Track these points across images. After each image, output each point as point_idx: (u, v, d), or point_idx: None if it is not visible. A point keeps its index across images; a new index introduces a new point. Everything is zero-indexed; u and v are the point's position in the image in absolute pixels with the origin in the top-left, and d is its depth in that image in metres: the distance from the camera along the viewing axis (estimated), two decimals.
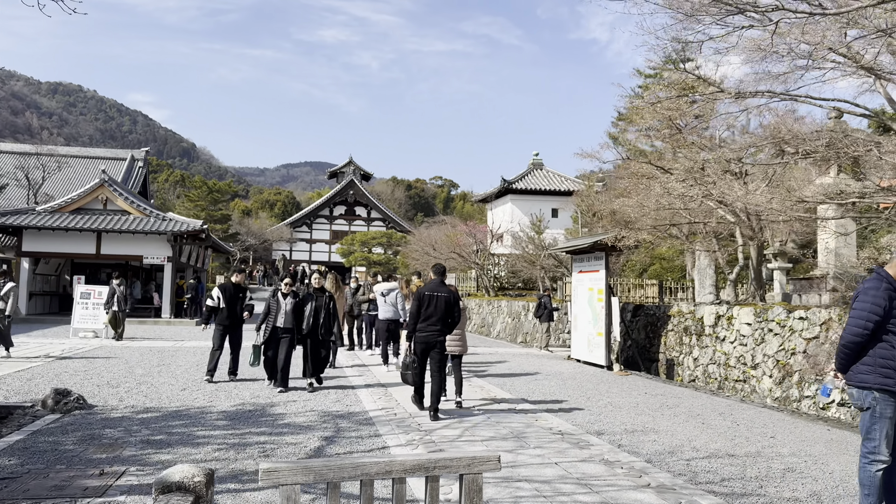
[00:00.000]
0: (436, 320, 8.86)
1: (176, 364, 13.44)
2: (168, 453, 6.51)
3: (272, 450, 6.73)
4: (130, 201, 27.85)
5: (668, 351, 15.27)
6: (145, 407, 8.89)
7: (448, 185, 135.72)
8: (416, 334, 8.95)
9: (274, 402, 9.50)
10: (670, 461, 6.77)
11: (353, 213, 67.90)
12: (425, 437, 7.43)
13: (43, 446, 6.70)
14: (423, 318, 8.90)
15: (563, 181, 39.19)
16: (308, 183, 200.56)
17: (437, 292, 8.97)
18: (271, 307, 10.67)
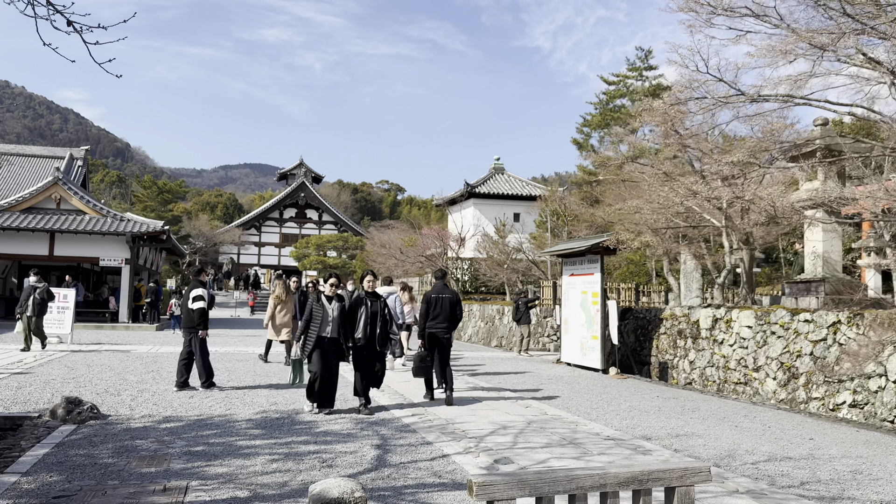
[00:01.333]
0: (442, 318, 10.29)
1: (165, 370, 12.78)
2: (221, 465, 6.07)
3: (331, 460, 6.36)
4: (86, 200, 26.65)
5: (660, 354, 15.33)
6: (163, 416, 8.35)
7: (395, 190, 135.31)
8: (427, 331, 10.33)
9: (299, 408, 9.06)
10: (736, 465, 6.67)
11: (304, 217, 66.86)
12: (480, 444, 7.15)
13: (78, 460, 6.17)
14: (431, 318, 10.30)
15: (524, 186, 39.34)
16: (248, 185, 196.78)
17: (442, 294, 10.41)
18: (314, 314, 8.86)
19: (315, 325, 8.82)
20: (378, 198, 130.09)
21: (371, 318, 8.98)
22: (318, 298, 8.99)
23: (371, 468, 6.08)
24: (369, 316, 8.98)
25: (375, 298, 9.16)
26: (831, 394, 11.11)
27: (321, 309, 8.89)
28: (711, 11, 10.71)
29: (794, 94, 10.61)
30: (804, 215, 12.76)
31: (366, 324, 8.93)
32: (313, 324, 8.84)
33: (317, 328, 8.78)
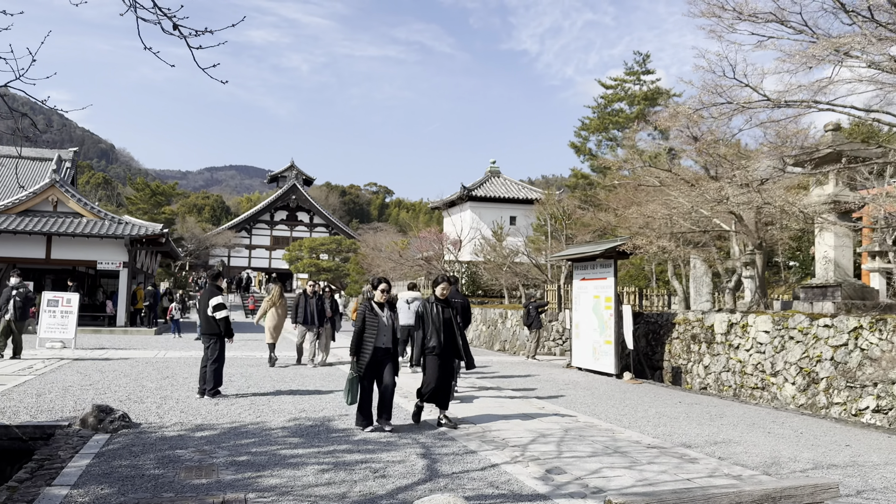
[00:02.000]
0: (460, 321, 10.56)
1: (180, 376, 12.61)
2: (272, 476, 5.95)
3: (382, 469, 6.25)
4: (83, 203, 26.33)
5: (673, 359, 15.32)
6: (195, 424, 8.21)
7: (383, 192, 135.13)
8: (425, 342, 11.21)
9: (329, 415, 8.94)
10: (784, 473, 6.62)
11: (295, 219, 66.56)
12: (525, 454, 7.08)
13: (124, 471, 6.03)
14: None
15: (520, 189, 39.34)
16: (234, 187, 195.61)
17: (455, 298, 10.75)
18: (367, 323, 8.12)
19: (370, 335, 8.13)
20: (366, 200, 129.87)
21: (445, 326, 8.52)
22: (371, 307, 8.27)
23: (425, 478, 5.99)
24: (442, 323, 8.50)
25: (446, 305, 8.67)
26: (853, 399, 11.14)
27: (375, 318, 8.19)
28: (737, 17, 10.72)
29: (818, 100, 10.64)
30: (826, 219, 12.71)
31: (439, 332, 8.43)
32: (367, 334, 8.13)
33: (372, 339, 8.11)
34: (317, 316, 14.73)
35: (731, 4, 10.73)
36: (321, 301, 15.07)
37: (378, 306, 8.34)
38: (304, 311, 14.72)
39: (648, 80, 34.19)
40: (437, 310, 8.56)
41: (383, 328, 8.21)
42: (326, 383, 12.22)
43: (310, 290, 14.98)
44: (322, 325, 15.10)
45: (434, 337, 8.41)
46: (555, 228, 29.46)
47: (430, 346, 8.43)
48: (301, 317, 14.77)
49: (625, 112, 33.54)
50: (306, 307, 14.74)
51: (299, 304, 14.83)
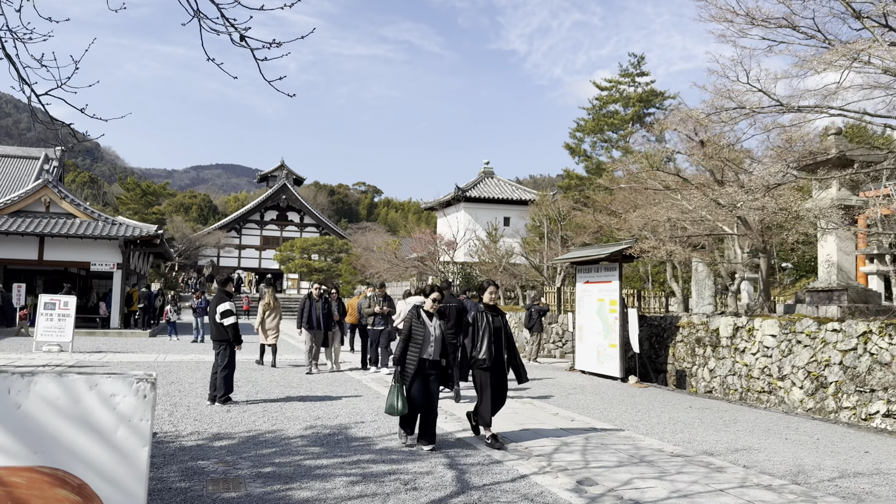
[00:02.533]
0: (451, 325, 10.67)
1: (185, 381, 12.47)
2: (302, 489, 5.86)
3: (412, 481, 6.17)
4: (76, 204, 26.04)
5: (677, 362, 15.33)
6: (211, 433, 8.09)
7: (372, 192, 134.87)
8: None
9: (345, 423, 8.85)
10: (813, 482, 6.61)
11: (286, 219, 66.26)
12: (552, 463, 7.01)
13: (150, 484, 5.89)
14: None
15: (514, 190, 39.33)
16: (220, 186, 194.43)
17: (450, 303, 11.39)
18: (414, 333, 7.63)
19: (416, 345, 7.59)
20: (355, 200, 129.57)
21: (495, 336, 7.90)
22: (418, 315, 7.74)
23: (458, 490, 5.92)
24: (492, 333, 7.89)
25: (496, 313, 8.10)
26: (863, 403, 11.17)
27: (422, 327, 7.66)
28: (750, 21, 10.71)
29: (831, 105, 10.65)
30: (834, 222, 12.74)
31: (489, 342, 7.83)
32: (413, 344, 7.61)
33: (417, 349, 7.56)
34: (323, 320, 14.25)
35: (744, 9, 10.72)
36: (328, 304, 14.60)
37: (427, 315, 7.78)
38: (308, 314, 14.13)
39: (643, 81, 34.30)
40: (488, 318, 7.94)
41: (431, 339, 7.63)
42: (335, 389, 12.12)
43: (315, 293, 14.43)
44: (330, 329, 14.58)
45: (485, 348, 7.80)
46: (550, 230, 29.47)
47: (480, 359, 7.82)
48: (307, 321, 14.20)
49: (620, 114, 33.63)
50: (311, 311, 14.16)
51: (304, 307, 14.22)
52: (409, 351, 7.63)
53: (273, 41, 3.20)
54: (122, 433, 1.00)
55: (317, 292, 14.50)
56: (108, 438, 1.02)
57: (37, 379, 1.09)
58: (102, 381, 1.06)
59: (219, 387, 9.97)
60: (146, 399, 1.10)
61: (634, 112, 32.83)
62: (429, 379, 7.63)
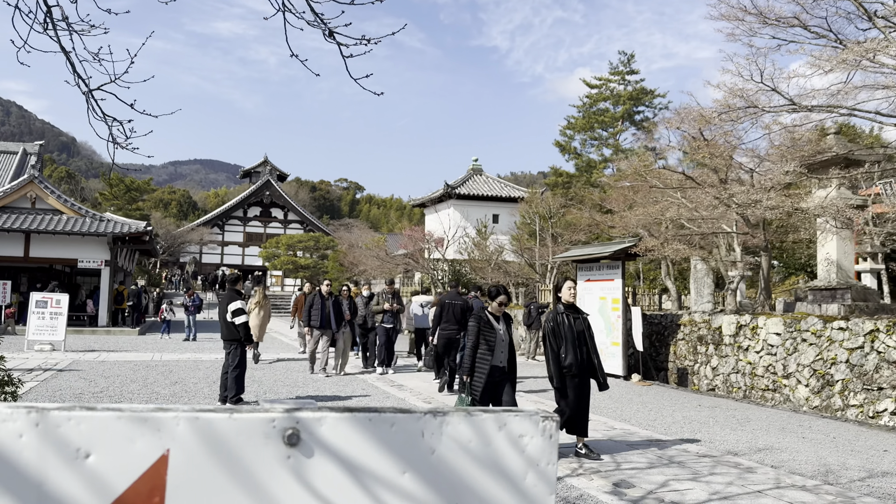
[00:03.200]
0: (454, 322, 11.94)
1: (189, 381, 12.27)
2: None
3: None
4: (63, 200, 25.60)
5: (678, 360, 15.37)
6: None
7: (354, 188, 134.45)
8: (440, 332, 12.14)
9: None
10: (844, 482, 6.61)
11: (269, 215, 65.73)
12: (583, 465, 6.96)
13: None
14: (444, 320, 12.10)
15: (503, 187, 39.30)
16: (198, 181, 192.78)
17: (454, 301, 12.19)
18: (484, 339, 7.01)
19: (486, 352, 6.95)
20: (337, 196, 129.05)
21: (579, 339, 7.23)
22: (485, 319, 7.11)
23: None
24: (576, 335, 7.21)
25: (577, 313, 7.40)
26: (871, 401, 11.25)
27: (492, 332, 7.01)
28: (762, 21, 10.71)
29: (842, 104, 10.70)
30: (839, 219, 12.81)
31: (574, 346, 7.17)
32: (483, 351, 6.96)
33: (489, 356, 6.93)
34: (334, 319, 13.45)
35: (756, 8, 10.73)
36: (338, 303, 13.82)
37: (494, 318, 7.16)
38: (319, 313, 13.27)
39: (633, 79, 34.37)
40: (569, 321, 7.28)
41: (501, 344, 7.04)
42: (342, 389, 11.98)
43: (325, 290, 13.59)
44: (340, 329, 13.75)
45: (570, 353, 7.10)
46: (542, 227, 29.46)
47: (565, 365, 7.12)
48: (316, 320, 13.31)
49: (610, 111, 33.68)
50: (322, 309, 13.29)
51: (314, 305, 13.35)
52: (479, 359, 6.99)
53: (362, 37, 3.08)
54: (530, 479, 0.90)
55: (326, 289, 13.70)
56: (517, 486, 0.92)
57: (448, 419, 0.98)
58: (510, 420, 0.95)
59: (230, 387, 9.80)
60: (551, 440, 0.99)
61: (625, 110, 32.88)
62: (498, 386, 7.04)
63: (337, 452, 0.94)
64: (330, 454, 0.94)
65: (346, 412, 1.03)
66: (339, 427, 0.96)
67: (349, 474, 0.94)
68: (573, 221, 30.27)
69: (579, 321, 7.32)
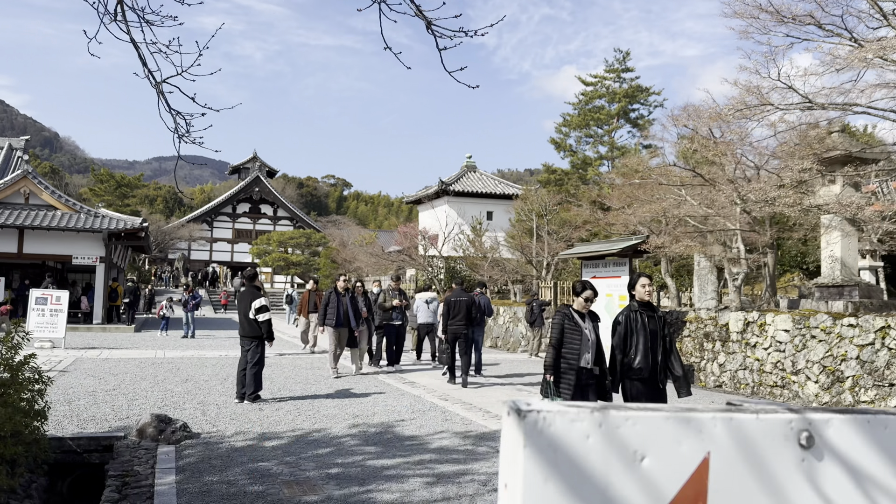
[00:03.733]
0: (461, 317, 12.40)
1: (199, 379, 12.16)
2: (381, 490, 5.70)
3: (487, 481, 6.06)
4: (57, 195, 25.31)
5: (684, 357, 15.42)
6: (256, 433, 7.87)
7: (341, 185, 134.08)
8: (449, 328, 12.47)
9: (386, 420, 8.68)
10: None
11: (259, 212, 65.39)
12: None
13: (223, 488, 5.71)
14: (451, 317, 12.47)
15: (497, 184, 39.29)
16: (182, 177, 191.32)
17: (460, 298, 12.61)
18: (567, 338, 6.46)
19: (571, 353, 6.46)
20: (324, 193, 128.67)
21: (652, 340, 6.45)
22: (570, 317, 6.54)
23: None
24: (648, 336, 6.43)
25: (651, 312, 6.63)
26: (882, 397, 11.34)
27: (576, 330, 6.48)
28: (778, 19, 10.74)
29: (858, 103, 10.76)
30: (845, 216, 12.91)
31: (646, 348, 6.39)
32: (567, 350, 6.47)
33: (575, 357, 6.46)
34: (353, 317, 12.90)
35: (773, 6, 10.76)
36: (354, 299, 13.21)
37: (579, 315, 6.60)
38: (335, 310, 12.62)
39: (628, 77, 34.45)
40: (642, 319, 6.53)
41: (587, 344, 6.50)
42: (355, 386, 11.92)
43: (341, 286, 12.92)
44: (357, 327, 13.16)
45: (640, 355, 6.40)
46: (538, 225, 29.50)
47: (635, 368, 6.41)
48: (332, 318, 12.61)
49: (606, 109, 33.74)
50: (338, 306, 12.66)
51: (329, 302, 12.69)
52: (564, 360, 6.51)
53: (460, 28, 3.04)
54: None
55: (342, 285, 13.02)
56: None
57: None
58: None
59: (248, 384, 9.72)
60: None
61: (620, 107, 32.98)
62: (586, 391, 6.51)
63: (842, 455, 0.91)
64: (836, 457, 0.91)
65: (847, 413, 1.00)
66: (843, 429, 0.93)
67: (851, 478, 0.91)
68: (568, 219, 30.36)
69: (653, 320, 6.60)
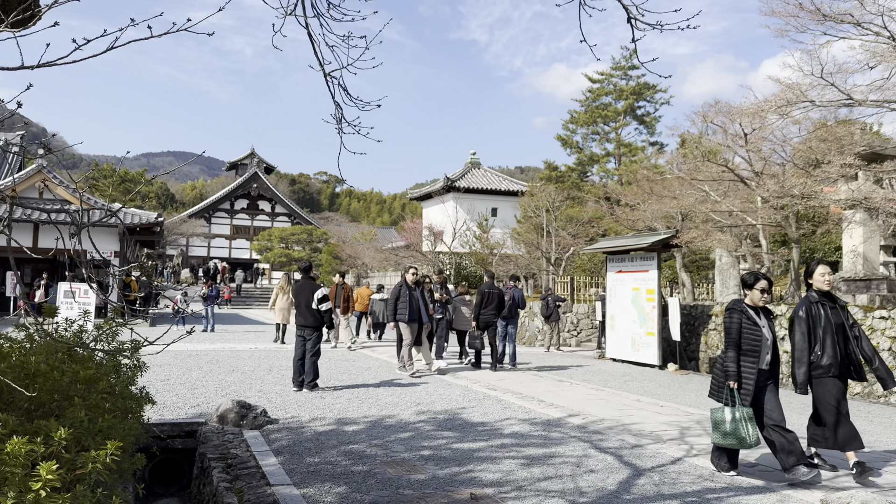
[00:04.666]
0: (493, 307, 13.60)
1: (244, 369, 12.30)
2: (481, 471, 5.89)
3: (580, 463, 6.26)
4: (72, 190, 25.26)
5: (710, 350, 15.70)
6: (333, 418, 8.05)
7: (333, 181, 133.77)
8: (480, 317, 13.54)
9: (450, 408, 8.87)
10: None
11: (256, 208, 65.31)
12: (693, 447, 7.19)
13: (329, 469, 5.88)
14: (484, 307, 13.57)
15: (501, 181, 39.53)
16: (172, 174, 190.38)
17: (492, 290, 13.78)
18: (746, 335, 5.94)
19: (751, 355, 5.91)
20: (316, 189, 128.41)
21: (838, 333, 6.16)
22: (746, 313, 6.00)
23: (634, 473, 6.02)
24: (835, 329, 6.13)
25: (834, 302, 6.26)
26: None
27: (755, 329, 5.94)
28: (820, 18, 10.99)
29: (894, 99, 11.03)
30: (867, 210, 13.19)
31: (834, 341, 6.13)
32: (748, 353, 5.92)
33: (755, 358, 5.90)
34: (424, 311, 12.28)
35: (814, 5, 11.01)
36: (423, 294, 12.61)
37: (754, 311, 6.04)
38: (407, 305, 12.00)
39: (635, 74, 34.74)
40: (826, 312, 6.16)
41: (766, 343, 5.96)
42: (399, 376, 12.07)
43: (411, 279, 12.17)
44: (428, 323, 12.65)
45: (828, 351, 6.03)
46: (548, 221, 29.76)
47: (824, 365, 6.07)
48: (404, 313, 11.99)
49: (613, 106, 34.02)
50: (410, 300, 12.05)
51: (400, 296, 12.05)
52: (744, 362, 5.92)
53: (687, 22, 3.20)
54: None
55: (412, 278, 12.21)
56: None
57: None
58: None
59: (308, 372, 9.90)
60: None
61: (628, 104, 33.27)
62: (761, 395, 5.98)
63: None
64: None
65: None
66: None
67: None
68: (574, 215, 30.66)
69: (836, 311, 6.18)
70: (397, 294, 12.15)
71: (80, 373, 4.05)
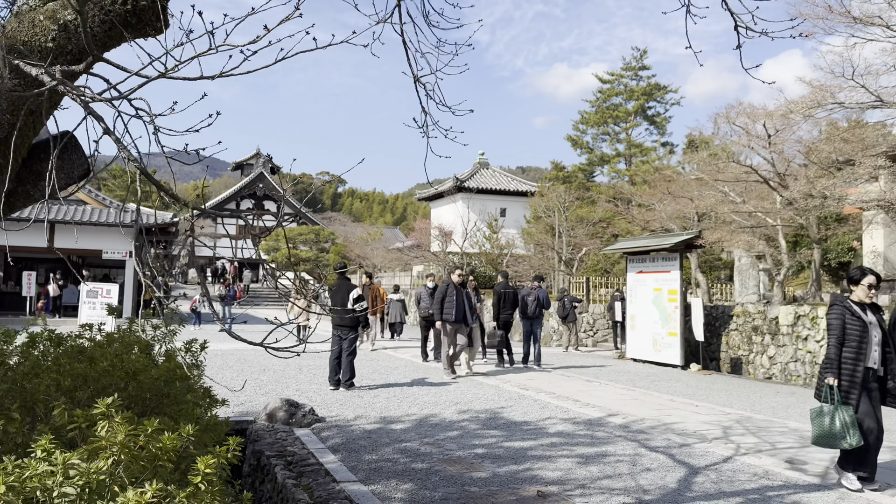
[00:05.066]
0: (510, 306, 14.26)
1: (275, 368, 12.39)
2: (539, 469, 5.98)
3: (634, 461, 6.34)
4: (87, 190, 25.36)
5: (731, 350, 15.78)
6: (378, 417, 8.15)
7: (336, 181, 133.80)
8: (500, 316, 14.10)
9: (490, 407, 8.96)
10: None
11: (262, 208, 65.40)
12: (740, 446, 7.27)
13: (389, 466, 5.97)
14: (502, 306, 14.17)
15: (510, 181, 39.61)
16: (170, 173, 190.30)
17: (507, 290, 14.38)
18: (850, 331, 5.71)
19: (854, 351, 5.67)
20: (319, 189, 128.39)
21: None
22: (850, 308, 5.78)
23: (690, 473, 6.10)
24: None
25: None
26: None
27: (860, 325, 5.71)
28: (849, 20, 11.07)
29: None
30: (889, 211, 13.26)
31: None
32: (850, 350, 5.68)
33: (861, 355, 5.67)
34: (469, 312, 11.99)
35: (844, 7, 11.10)
36: (469, 294, 12.32)
37: (859, 307, 5.81)
38: (454, 305, 11.80)
39: (645, 75, 34.85)
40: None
41: (873, 340, 5.71)
42: (429, 375, 12.16)
43: (457, 279, 11.98)
44: (473, 324, 12.44)
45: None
46: (559, 221, 29.82)
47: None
48: (451, 313, 11.76)
49: (623, 106, 34.11)
50: (457, 301, 11.81)
51: (447, 296, 11.89)
52: (845, 358, 5.70)
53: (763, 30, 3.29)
54: None
55: (458, 279, 12.01)
56: None
57: None
58: None
59: (344, 371, 9.99)
60: None
61: (638, 105, 33.37)
62: (871, 395, 5.71)
63: None
64: None
65: None
66: None
67: None
68: (583, 215, 30.75)
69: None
70: (444, 294, 12.03)
71: (177, 371, 4.14)
